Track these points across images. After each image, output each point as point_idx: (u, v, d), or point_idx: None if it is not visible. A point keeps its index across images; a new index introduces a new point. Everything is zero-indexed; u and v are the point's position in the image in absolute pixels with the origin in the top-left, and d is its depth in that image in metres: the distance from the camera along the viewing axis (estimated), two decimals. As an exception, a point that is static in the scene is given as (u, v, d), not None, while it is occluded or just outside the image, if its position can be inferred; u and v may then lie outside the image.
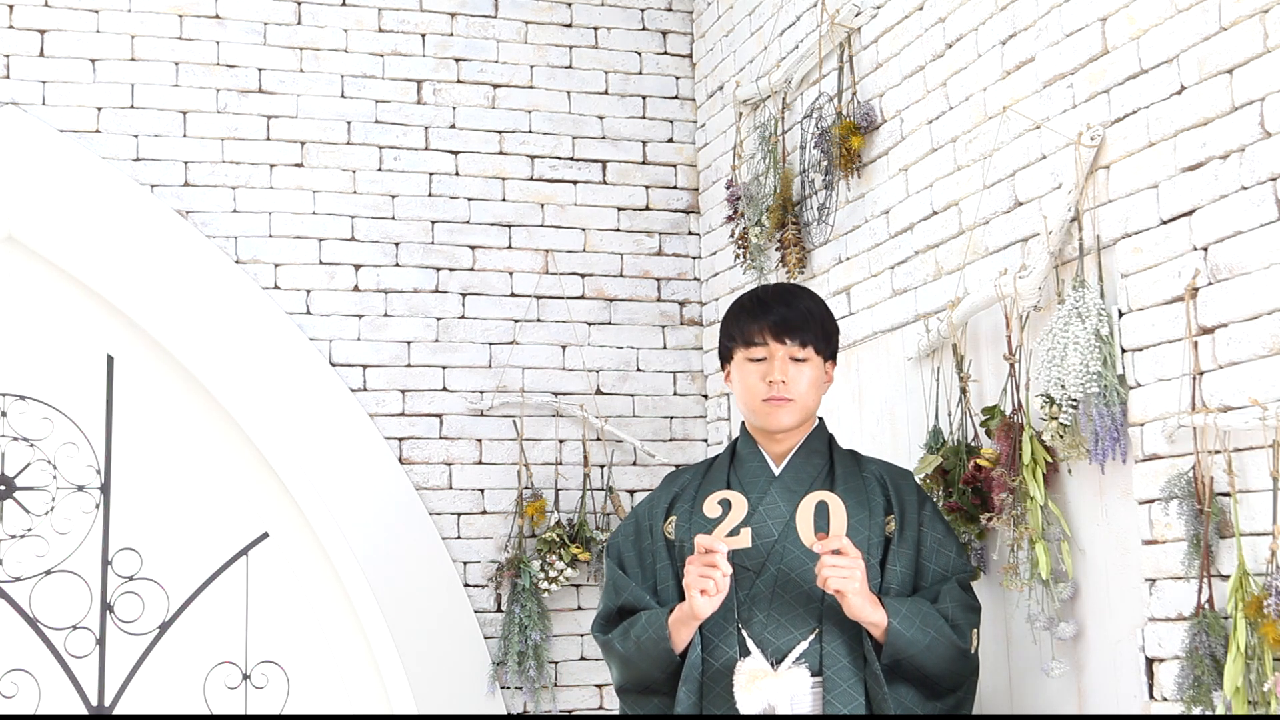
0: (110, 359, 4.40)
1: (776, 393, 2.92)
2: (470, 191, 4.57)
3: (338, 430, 4.33)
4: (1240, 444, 2.48)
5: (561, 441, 4.53)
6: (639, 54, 4.78)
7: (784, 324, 2.94)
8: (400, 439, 4.40)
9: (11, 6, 4.26)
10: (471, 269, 4.54)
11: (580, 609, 4.45)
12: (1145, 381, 2.70)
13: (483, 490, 4.44)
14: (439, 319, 4.49)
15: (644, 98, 4.77)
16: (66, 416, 4.36)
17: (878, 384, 3.66)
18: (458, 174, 4.56)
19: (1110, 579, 2.85)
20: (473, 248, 4.55)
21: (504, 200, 4.59)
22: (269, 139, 4.42)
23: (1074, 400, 2.79)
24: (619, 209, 4.70)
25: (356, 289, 4.43)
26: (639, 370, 4.65)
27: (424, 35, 4.59)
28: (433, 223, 4.52)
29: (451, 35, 4.62)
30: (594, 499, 4.50)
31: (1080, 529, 2.93)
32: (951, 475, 3.18)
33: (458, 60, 4.62)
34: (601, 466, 4.54)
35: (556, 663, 4.40)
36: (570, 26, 4.73)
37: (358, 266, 4.44)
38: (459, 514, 4.41)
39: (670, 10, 4.83)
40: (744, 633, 2.83)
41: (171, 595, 4.37)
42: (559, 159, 4.66)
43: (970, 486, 3.11)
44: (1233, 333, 2.49)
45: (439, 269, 4.51)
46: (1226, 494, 2.50)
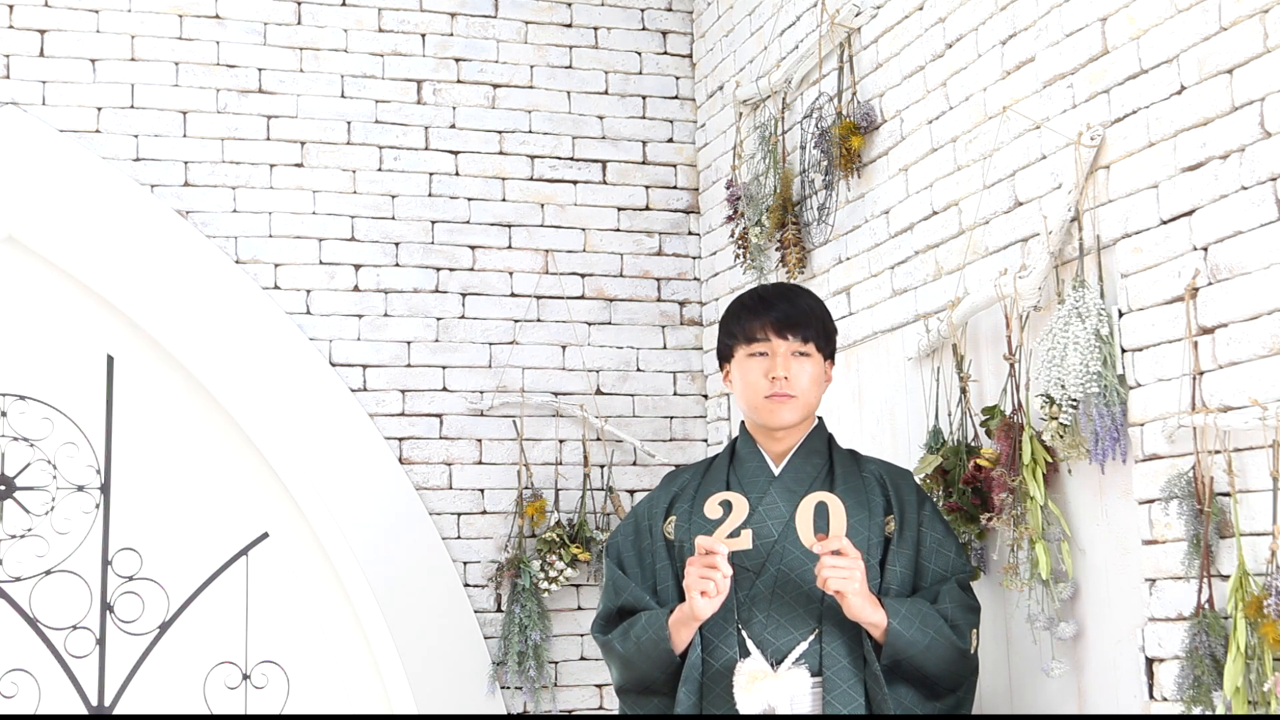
0: (110, 359, 4.40)
1: (779, 389, 2.92)
2: (470, 191, 4.56)
3: (338, 430, 4.33)
4: (1240, 444, 2.48)
5: (561, 441, 4.53)
6: (639, 54, 4.78)
7: (787, 320, 2.94)
8: (400, 439, 4.40)
9: (11, 6, 4.26)
10: (471, 269, 4.54)
11: (580, 609, 4.45)
12: (1145, 381, 2.70)
13: (483, 490, 4.44)
14: (439, 319, 4.49)
15: (644, 98, 4.77)
16: (66, 416, 4.36)
17: (878, 384, 3.66)
18: (458, 174, 4.56)
19: (1110, 579, 2.85)
20: (473, 248, 4.55)
21: (504, 200, 4.59)
22: (269, 139, 4.42)
23: (1074, 400, 2.79)
24: (619, 209, 4.70)
25: (356, 289, 4.43)
26: (639, 370, 4.64)
27: (424, 35, 4.59)
28: (433, 223, 4.52)
29: (451, 35, 4.62)
30: (594, 499, 4.50)
31: (1080, 529, 2.93)
32: (951, 475, 3.17)
33: (458, 60, 4.61)
34: (601, 466, 4.54)
35: (556, 663, 4.40)
36: (570, 26, 4.73)
37: (358, 266, 4.44)
38: (459, 514, 4.41)
39: (670, 10, 4.83)
40: (744, 633, 2.83)
41: (171, 595, 4.37)
42: (559, 159, 4.66)
43: (970, 486, 3.11)
44: (1233, 333, 2.49)
45: (439, 269, 4.51)
46: (1226, 494, 2.49)
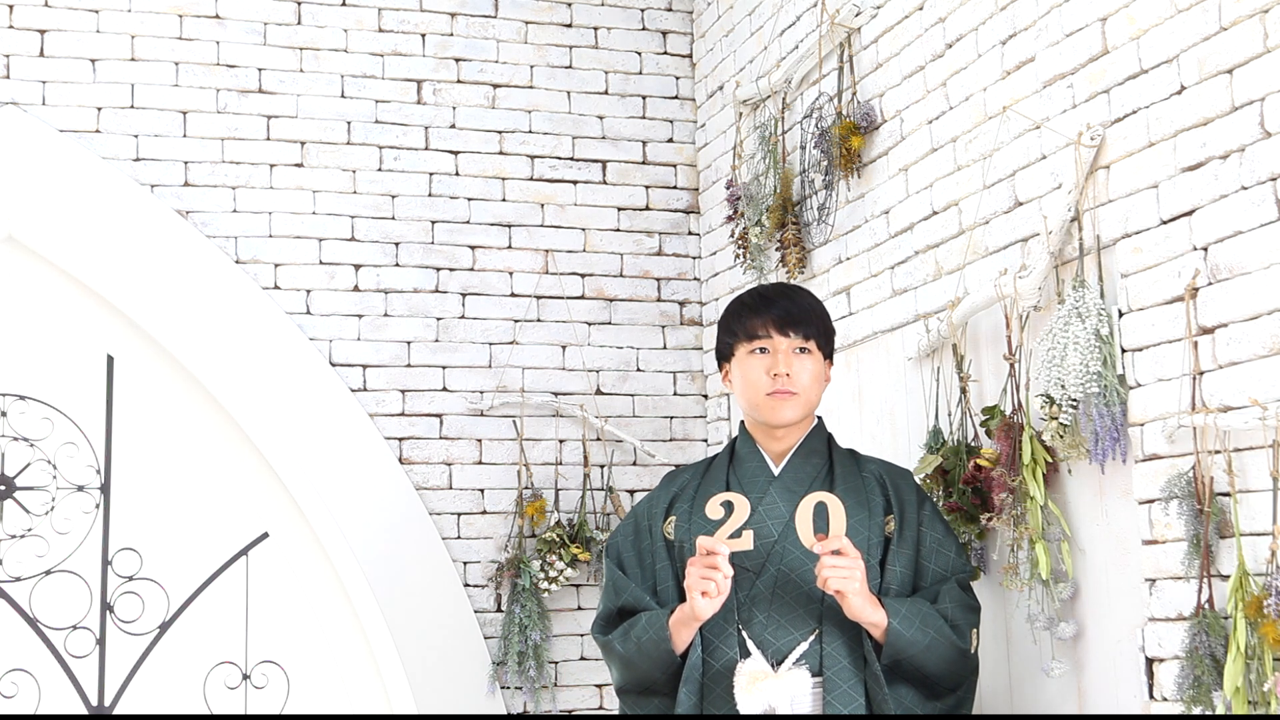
0: (110, 359, 4.40)
1: (781, 386, 2.92)
2: (470, 191, 4.56)
3: (338, 430, 4.33)
4: (1240, 444, 2.48)
5: (561, 441, 4.53)
6: (639, 54, 4.78)
7: (788, 317, 2.94)
8: (400, 439, 4.40)
9: (11, 6, 4.26)
10: (471, 269, 4.54)
11: (580, 609, 4.44)
12: (1145, 381, 2.70)
13: (483, 490, 4.44)
14: (439, 319, 4.49)
15: (644, 98, 4.77)
16: (66, 416, 4.36)
17: (878, 384, 3.66)
18: (458, 174, 4.56)
19: (1110, 579, 2.85)
20: (473, 248, 4.55)
21: (504, 200, 4.59)
22: (269, 139, 4.42)
23: (1074, 400, 2.78)
24: (619, 209, 4.70)
25: (356, 289, 4.43)
26: (639, 370, 4.64)
27: (424, 35, 4.59)
28: (433, 223, 4.52)
29: (451, 35, 4.62)
30: (594, 499, 4.50)
31: (1080, 529, 2.93)
32: (951, 475, 3.17)
33: (458, 60, 4.61)
34: (601, 466, 4.54)
35: (556, 663, 4.40)
36: (570, 26, 4.73)
37: (358, 266, 4.44)
38: (459, 514, 4.41)
39: (670, 10, 4.83)
40: (744, 634, 2.83)
41: (171, 595, 4.37)
42: (559, 159, 4.66)
43: (970, 486, 3.11)
44: (1233, 333, 2.49)
45: (439, 269, 4.51)
46: (1226, 494, 2.49)
